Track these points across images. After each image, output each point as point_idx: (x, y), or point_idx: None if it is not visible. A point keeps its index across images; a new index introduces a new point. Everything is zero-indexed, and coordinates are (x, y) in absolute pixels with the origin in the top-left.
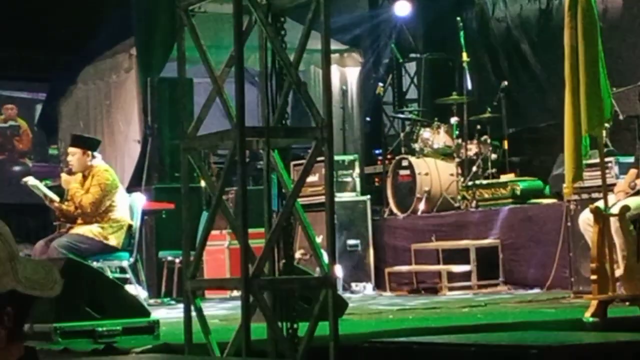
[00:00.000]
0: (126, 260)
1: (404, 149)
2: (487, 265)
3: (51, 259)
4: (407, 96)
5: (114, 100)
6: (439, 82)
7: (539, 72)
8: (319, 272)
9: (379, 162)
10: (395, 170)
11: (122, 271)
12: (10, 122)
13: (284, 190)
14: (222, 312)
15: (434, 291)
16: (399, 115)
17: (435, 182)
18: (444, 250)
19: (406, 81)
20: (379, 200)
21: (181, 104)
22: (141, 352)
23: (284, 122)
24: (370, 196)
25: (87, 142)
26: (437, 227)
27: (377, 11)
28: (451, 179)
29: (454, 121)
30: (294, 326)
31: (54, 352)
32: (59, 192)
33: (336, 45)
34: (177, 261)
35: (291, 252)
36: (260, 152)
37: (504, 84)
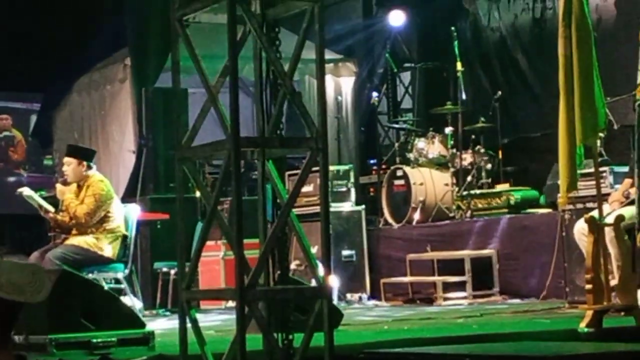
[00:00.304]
0: (121, 272)
1: (398, 159)
2: (482, 275)
3: (46, 271)
4: (402, 106)
5: (109, 110)
6: (433, 92)
7: (533, 81)
8: (314, 282)
9: (374, 172)
10: (390, 180)
11: (117, 282)
12: (4, 133)
13: (278, 200)
14: (218, 323)
15: (430, 301)
16: (394, 125)
17: (430, 192)
18: (439, 260)
19: (401, 91)
20: (374, 210)
21: (176, 114)
22: None
23: (278, 132)
24: (365, 206)
25: (82, 153)
26: (432, 237)
27: (371, 21)
28: (446, 188)
29: (448, 131)
30: (290, 337)
31: None
32: (54, 202)
33: (331, 55)
34: (172, 272)
35: (286, 262)
36: (255, 162)
37: (499, 93)
